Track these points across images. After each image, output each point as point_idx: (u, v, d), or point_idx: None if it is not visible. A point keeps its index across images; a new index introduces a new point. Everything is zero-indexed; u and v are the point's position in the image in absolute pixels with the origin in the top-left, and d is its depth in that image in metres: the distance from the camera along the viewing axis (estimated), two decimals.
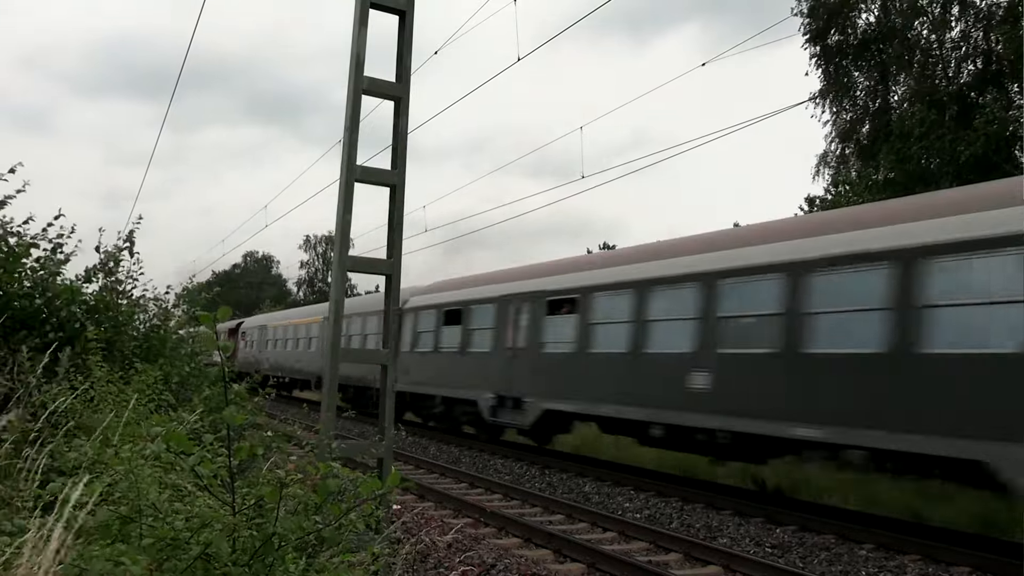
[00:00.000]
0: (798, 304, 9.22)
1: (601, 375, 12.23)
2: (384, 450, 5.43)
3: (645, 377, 11.37)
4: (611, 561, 7.24)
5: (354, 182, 5.64)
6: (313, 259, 72.95)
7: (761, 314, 9.77)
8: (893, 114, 17.59)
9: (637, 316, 11.63)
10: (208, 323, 2.73)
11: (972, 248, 7.68)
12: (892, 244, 8.43)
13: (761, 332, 9.71)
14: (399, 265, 5.84)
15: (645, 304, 11.53)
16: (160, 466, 2.91)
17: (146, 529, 2.47)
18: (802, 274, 9.25)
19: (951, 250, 7.85)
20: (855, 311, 8.74)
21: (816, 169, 20.52)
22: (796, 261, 9.40)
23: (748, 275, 10.02)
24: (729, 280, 10.25)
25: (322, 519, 2.75)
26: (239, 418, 2.66)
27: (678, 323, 10.92)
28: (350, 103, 5.69)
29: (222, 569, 2.49)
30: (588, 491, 11.62)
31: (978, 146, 13.98)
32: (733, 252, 10.52)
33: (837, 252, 8.97)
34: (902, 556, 8.17)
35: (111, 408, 4.30)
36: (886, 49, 17.65)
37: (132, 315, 7.08)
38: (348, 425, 18.89)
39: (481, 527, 8.88)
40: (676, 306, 11.02)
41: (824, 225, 9.96)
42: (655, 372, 11.23)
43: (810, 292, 9.15)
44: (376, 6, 5.81)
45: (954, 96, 15.78)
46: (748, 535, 9.00)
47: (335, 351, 5.57)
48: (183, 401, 6.12)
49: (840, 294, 8.88)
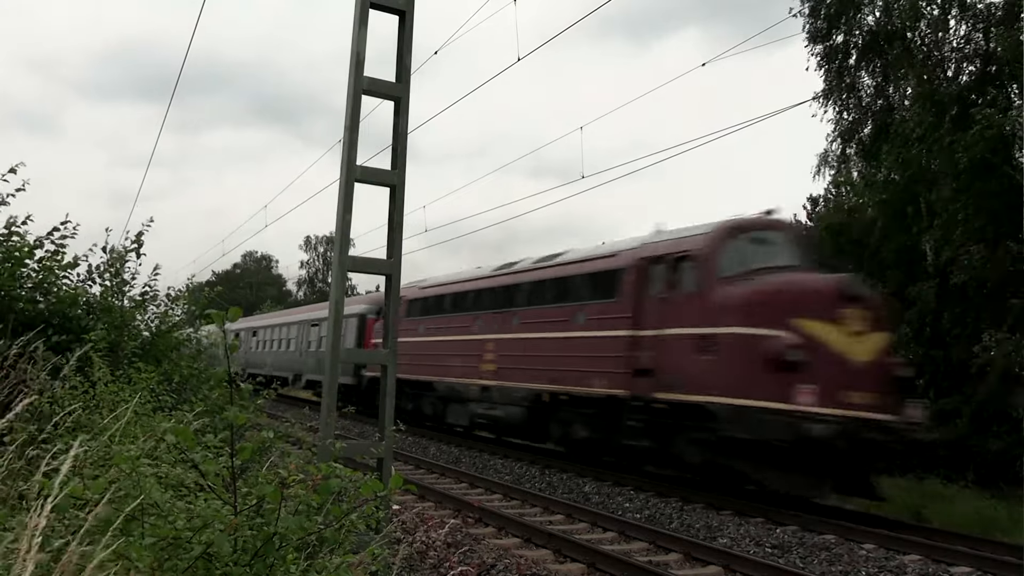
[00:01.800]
0: (293, 334, 29.11)
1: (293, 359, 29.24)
2: (384, 450, 5.43)
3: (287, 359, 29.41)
4: (611, 561, 7.24)
5: (354, 182, 5.64)
6: (313, 259, 72.96)
7: (290, 336, 29.56)
8: (895, 114, 17.59)
9: (280, 335, 30.98)
10: (219, 322, 2.74)
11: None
12: (301, 318, 29.21)
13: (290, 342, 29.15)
14: (399, 265, 5.84)
15: (285, 331, 30.61)
16: (163, 463, 2.92)
17: (148, 528, 2.48)
18: (305, 325, 27.79)
19: (317, 322, 26.46)
20: (288, 338, 30.11)
21: (817, 168, 20.49)
22: (299, 320, 29.16)
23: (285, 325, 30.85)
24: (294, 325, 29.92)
25: (323, 519, 2.75)
26: (241, 418, 2.67)
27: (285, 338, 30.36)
28: (350, 103, 5.70)
29: (223, 569, 2.50)
30: (588, 491, 11.63)
31: (976, 150, 13.97)
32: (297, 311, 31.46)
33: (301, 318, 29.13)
34: (902, 556, 8.17)
35: (111, 409, 4.31)
36: (889, 51, 17.64)
37: (135, 316, 7.09)
38: (348, 425, 18.90)
39: (481, 527, 8.89)
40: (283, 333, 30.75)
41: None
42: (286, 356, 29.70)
43: (300, 332, 28.45)
44: (376, 6, 5.81)
45: (954, 97, 15.77)
46: (748, 535, 9.00)
47: (335, 351, 5.57)
48: (183, 401, 6.13)
49: (303, 334, 28.10)
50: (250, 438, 3.08)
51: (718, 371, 10.24)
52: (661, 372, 11.06)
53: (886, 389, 10.06)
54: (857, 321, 10.00)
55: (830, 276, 10.63)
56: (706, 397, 10.22)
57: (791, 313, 9.90)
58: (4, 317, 5.70)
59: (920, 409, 10.59)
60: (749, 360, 9.91)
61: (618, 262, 12.56)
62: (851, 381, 9.76)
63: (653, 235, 12.40)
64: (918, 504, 11.42)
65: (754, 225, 11.67)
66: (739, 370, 10.03)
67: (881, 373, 10.13)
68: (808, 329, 9.81)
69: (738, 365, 10.06)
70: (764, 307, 10.14)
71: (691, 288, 11.02)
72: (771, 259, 11.11)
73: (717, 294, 10.63)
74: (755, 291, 10.39)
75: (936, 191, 15.64)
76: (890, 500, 10.94)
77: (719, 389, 10.12)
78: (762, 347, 9.80)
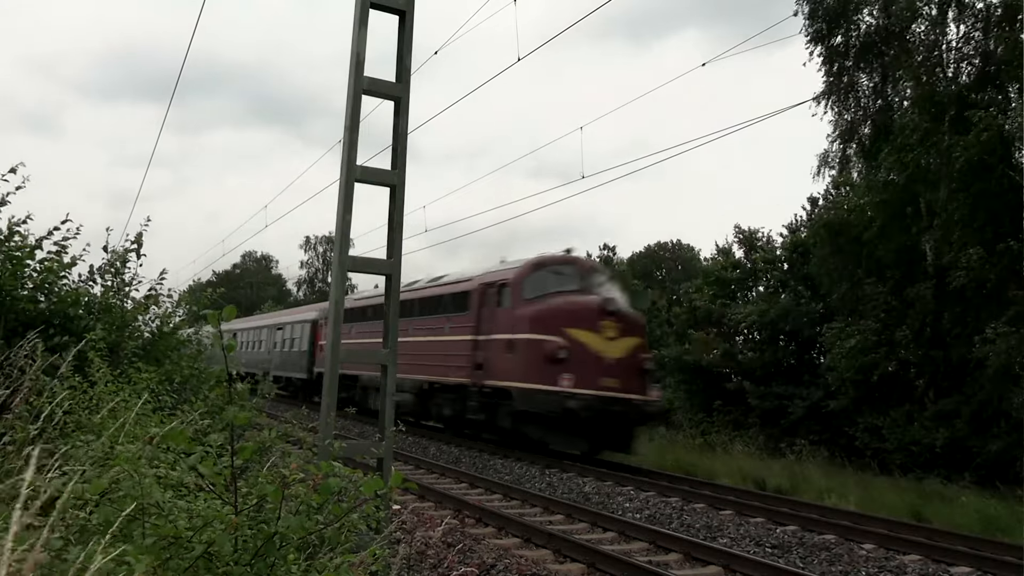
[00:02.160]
0: (264, 336, 33.42)
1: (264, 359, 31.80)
2: (384, 450, 5.43)
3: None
4: (611, 561, 7.23)
5: (354, 182, 5.64)
6: (313, 259, 72.96)
7: (261, 338, 33.65)
8: (895, 114, 17.58)
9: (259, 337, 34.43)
10: (214, 322, 2.74)
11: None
12: (270, 322, 33.88)
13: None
14: (399, 265, 5.84)
15: (257, 333, 34.69)
16: (163, 463, 2.92)
17: (149, 528, 2.48)
18: (273, 328, 32.29)
19: (282, 326, 31.07)
20: (260, 339, 33.90)
21: (817, 169, 20.48)
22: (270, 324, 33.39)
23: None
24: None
25: (323, 519, 2.75)
26: (241, 418, 2.66)
27: (257, 340, 34.32)
28: (350, 103, 5.69)
29: (224, 568, 2.49)
30: (588, 491, 11.63)
31: (974, 151, 13.98)
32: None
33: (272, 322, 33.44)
34: (902, 556, 8.17)
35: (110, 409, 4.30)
36: (887, 51, 17.64)
37: (136, 317, 7.08)
38: (348, 425, 18.91)
39: (481, 527, 8.89)
40: (256, 336, 34.77)
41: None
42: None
43: (269, 334, 32.78)
44: (376, 6, 5.81)
45: (953, 98, 15.76)
46: (748, 535, 9.01)
47: (335, 351, 5.57)
48: (183, 402, 6.12)
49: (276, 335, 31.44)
50: (250, 438, 3.07)
51: (516, 364, 14.43)
52: (488, 366, 15.18)
53: (632, 377, 14.15)
54: (612, 329, 14.25)
55: (595, 297, 14.75)
56: (509, 383, 14.41)
57: (563, 324, 14.14)
58: (5, 317, 5.70)
59: (658, 391, 15.41)
60: (534, 357, 14.08)
61: (469, 285, 16.75)
62: (603, 371, 13.88)
63: (495, 266, 16.96)
64: (918, 504, 11.43)
65: (552, 261, 16.17)
66: (527, 363, 14.21)
67: (629, 366, 14.22)
68: (574, 335, 14.07)
69: (527, 360, 14.22)
70: (544, 320, 14.33)
71: (507, 306, 15.25)
72: (561, 286, 15.31)
73: (519, 311, 14.86)
74: (540, 308, 14.66)
75: (936, 191, 15.63)
76: (890, 500, 10.96)
77: (516, 377, 14.32)
78: (542, 347, 13.99)
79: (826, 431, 19.36)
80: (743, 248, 27.77)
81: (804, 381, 21.67)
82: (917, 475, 14.60)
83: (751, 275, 26.36)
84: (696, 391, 24.66)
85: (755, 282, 26.38)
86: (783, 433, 20.50)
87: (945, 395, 16.42)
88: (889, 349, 17.47)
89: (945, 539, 9.08)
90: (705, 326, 25.25)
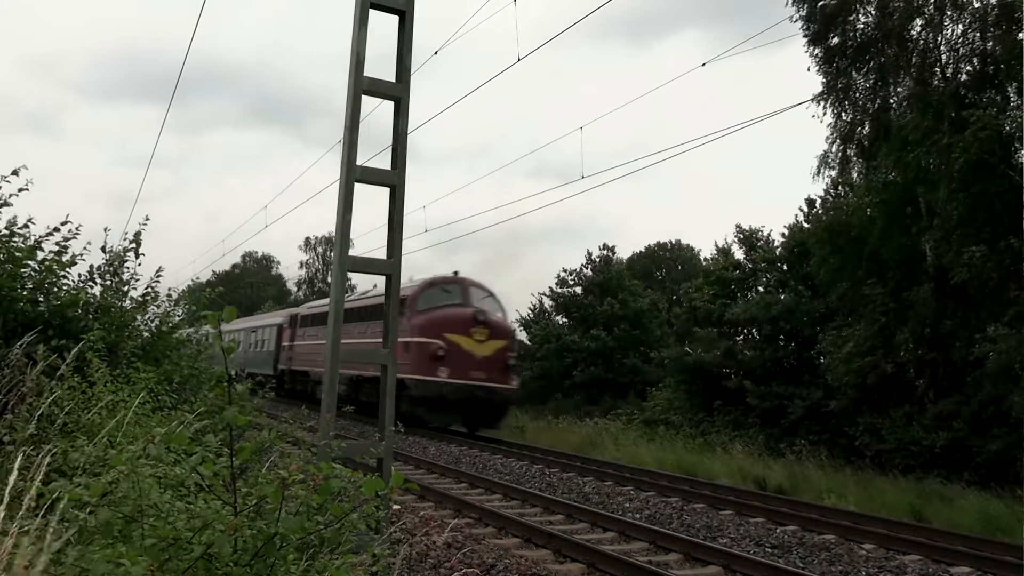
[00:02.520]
0: (242, 338, 34.15)
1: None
2: (384, 450, 5.42)
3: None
4: (611, 561, 7.23)
5: (354, 182, 5.63)
6: (313, 259, 72.93)
7: (239, 339, 31.95)
8: (893, 114, 17.56)
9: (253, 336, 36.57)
10: (214, 322, 2.73)
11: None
12: (246, 325, 36.41)
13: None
14: (399, 265, 5.84)
15: (236, 335, 33.64)
16: (163, 464, 2.91)
17: (148, 529, 2.47)
18: (248, 331, 35.58)
19: (255, 329, 35.29)
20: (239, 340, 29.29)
21: (817, 169, 20.44)
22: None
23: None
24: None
25: (323, 519, 2.74)
26: (240, 419, 2.66)
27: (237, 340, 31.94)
28: (350, 103, 5.69)
29: (224, 569, 2.49)
30: (588, 491, 11.63)
31: (972, 151, 13.96)
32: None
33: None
34: (902, 556, 8.17)
35: (109, 409, 4.30)
36: (884, 51, 17.61)
37: (135, 317, 7.06)
38: (348, 425, 18.92)
39: (481, 527, 8.88)
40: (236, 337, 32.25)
41: None
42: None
43: (246, 336, 35.09)
44: (376, 6, 5.80)
45: (952, 98, 15.74)
46: (748, 535, 9.00)
47: (335, 351, 5.57)
48: (182, 401, 6.11)
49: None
50: (249, 438, 3.07)
51: (411, 361, 18.73)
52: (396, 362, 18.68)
53: (496, 370, 19.48)
54: (481, 334, 19.59)
55: (470, 309, 20.01)
56: (406, 375, 18.28)
57: (442, 329, 19.35)
58: (4, 318, 5.69)
59: (517, 381, 20.97)
60: (422, 355, 19.02)
61: (383, 300, 20.17)
62: (473, 366, 19.19)
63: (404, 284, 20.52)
64: (918, 504, 11.43)
65: (442, 280, 21.13)
66: (418, 360, 18.95)
67: (495, 362, 19.58)
68: (450, 338, 19.28)
69: (417, 358, 18.98)
70: (429, 326, 19.40)
71: (408, 316, 19.46)
72: (446, 300, 20.35)
73: (413, 320, 19.57)
74: (426, 318, 19.68)
75: (935, 191, 15.61)
76: (890, 500, 10.96)
77: (411, 371, 18.60)
78: (427, 348, 19.04)
79: (826, 431, 19.34)
80: (743, 248, 27.76)
81: (804, 381, 21.66)
82: (917, 475, 14.59)
83: (751, 275, 26.36)
84: (696, 391, 24.64)
85: (755, 282, 26.38)
86: (783, 433, 20.48)
87: (945, 395, 16.41)
88: (887, 351, 17.47)
89: (945, 539, 9.08)
90: (705, 326, 25.25)
